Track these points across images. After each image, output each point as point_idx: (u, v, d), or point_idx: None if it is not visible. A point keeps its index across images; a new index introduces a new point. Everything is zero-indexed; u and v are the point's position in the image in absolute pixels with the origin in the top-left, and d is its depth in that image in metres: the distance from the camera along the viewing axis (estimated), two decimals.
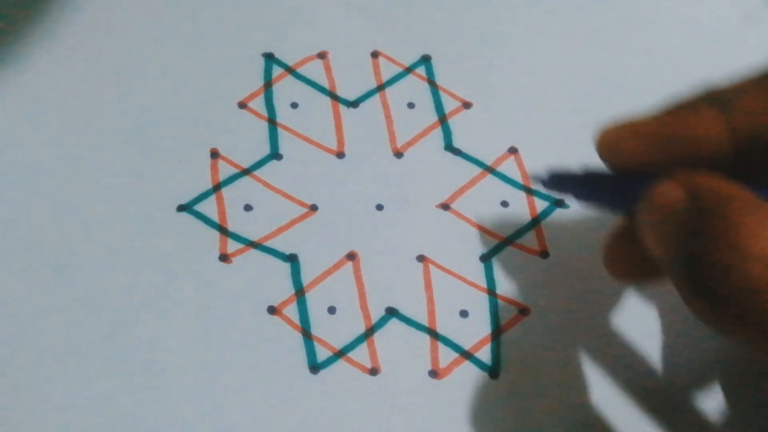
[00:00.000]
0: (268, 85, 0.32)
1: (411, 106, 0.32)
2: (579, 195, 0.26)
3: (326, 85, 0.33)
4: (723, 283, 0.19)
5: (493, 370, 0.28)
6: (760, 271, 0.19)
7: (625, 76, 0.33)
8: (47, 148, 0.30)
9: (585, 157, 0.32)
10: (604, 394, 0.28)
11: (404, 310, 0.29)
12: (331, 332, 0.28)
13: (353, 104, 0.32)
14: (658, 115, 0.24)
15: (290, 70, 0.33)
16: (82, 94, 0.31)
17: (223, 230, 0.29)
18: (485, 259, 0.30)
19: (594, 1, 0.35)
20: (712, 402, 0.28)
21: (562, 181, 0.27)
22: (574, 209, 0.31)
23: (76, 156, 0.30)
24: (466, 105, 0.33)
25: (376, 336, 0.28)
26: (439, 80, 0.33)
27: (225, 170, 0.31)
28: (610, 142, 0.24)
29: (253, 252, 0.29)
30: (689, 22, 0.35)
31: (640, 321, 0.29)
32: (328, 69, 0.33)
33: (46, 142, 0.30)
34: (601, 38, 0.34)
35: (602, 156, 0.25)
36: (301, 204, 0.30)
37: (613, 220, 0.27)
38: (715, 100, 0.23)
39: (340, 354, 0.28)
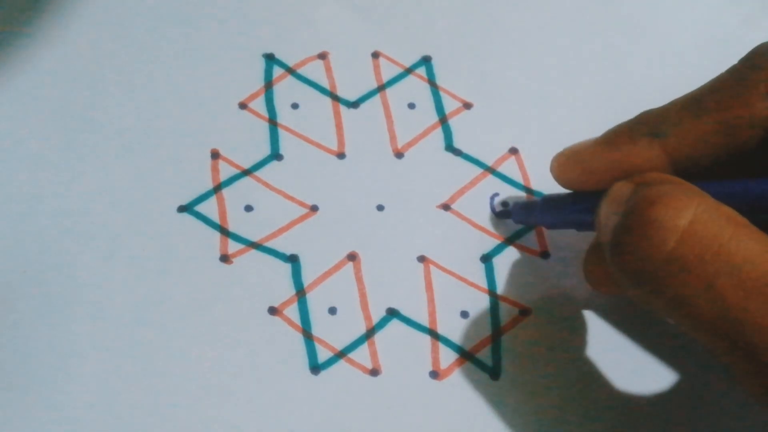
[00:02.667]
0: (268, 85, 0.32)
1: (411, 106, 0.32)
2: (544, 220, 0.28)
3: (327, 85, 0.33)
4: (638, 250, 0.20)
5: (494, 371, 0.28)
6: (675, 242, 0.20)
7: (624, 77, 0.33)
8: (47, 148, 0.30)
9: None
10: (605, 394, 0.28)
11: (405, 311, 0.29)
12: (332, 333, 0.28)
13: (354, 105, 0.32)
14: (598, 145, 0.25)
15: (291, 70, 0.33)
16: (82, 94, 0.31)
17: (223, 231, 0.29)
18: (486, 259, 0.30)
19: (594, 2, 0.35)
20: (711, 401, 0.28)
21: (527, 211, 0.29)
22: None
23: (77, 156, 0.30)
24: (467, 105, 0.33)
25: (377, 337, 0.28)
26: (440, 81, 0.33)
27: (225, 171, 0.31)
28: (558, 169, 0.27)
29: (253, 252, 0.29)
30: (688, 24, 0.35)
31: (640, 321, 0.29)
32: (328, 69, 0.33)
33: (46, 142, 0.30)
34: (601, 39, 0.34)
35: (556, 181, 0.27)
36: (302, 204, 0.30)
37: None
38: (649, 132, 0.24)
39: (341, 355, 0.28)
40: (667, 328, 0.29)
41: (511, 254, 0.30)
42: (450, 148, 0.32)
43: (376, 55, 0.33)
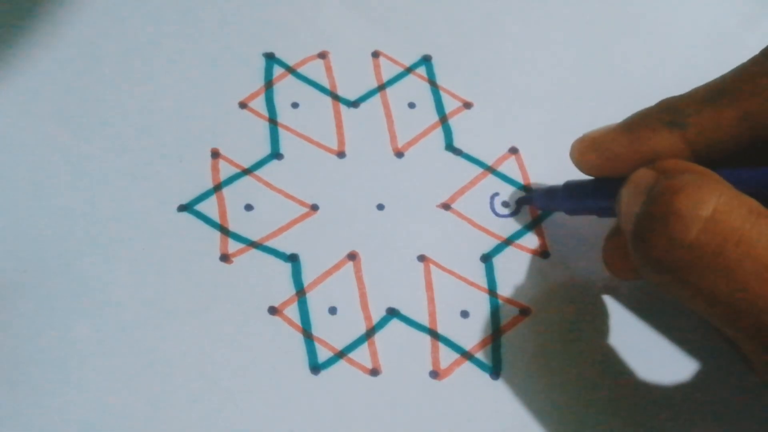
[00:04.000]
0: (268, 84, 0.32)
1: (412, 106, 0.32)
2: (565, 206, 0.28)
3: (327, 84, 0.32)
4: (661, 239, 0.21)
5: (494, 371, 0.28)
6: (697, 232, 0.20)
7: (624, 77, 0.33)
8: (47, 148, 0.30)
9: None
10: (605, 394, 0.28)
11: (405, 311, 0.29)
12: (332, 333, 0.28)
13: (354, 104, 0.32)
14: (618, 132, 0.26)
15: (291, 69, 0.33)
16: (82, 94, 0.31)
17: (223, 230, 0.29)
18: (486, 259, 0.30)
19: (594, 2, 0.35)
20: (711, 400, 0.28)
21: (549, 197, 0.29)
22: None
23: (77, 156, 0.30)
24: (467, 105, 0.33)
25: (377, 336, 0.28)
26: (440, 80, 0.33)
27: (226, 170, 0.31)
28: (578, 155, 0.27)
29: (253, 252, 0.29)
30: (689, 24, 0.35)
31: (640, 321, 0.29)
32: (328, 69, 0.33)
33: (46, 142, 0.30)
34: (601, 39, 0.34)
35: (577, 167, 0.27)
36: (302, 204, 0.30)
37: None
38: (670, 121, 0.24)
39: (341, 354, 0.28)
40: (666, 327, 0.29)
41: (511, 254, 0.30)
42: (450, 147, 0.32)
43: (376, 55, 0.33)
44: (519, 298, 0.29)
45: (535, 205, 0.30)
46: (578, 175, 0.28)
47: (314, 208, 0.30)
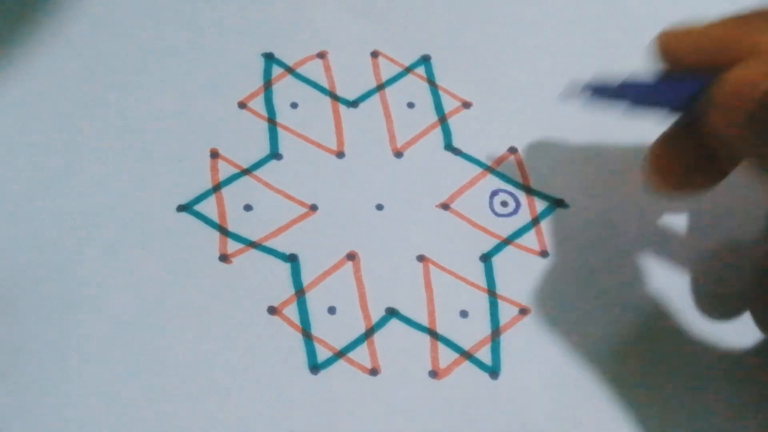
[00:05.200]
0: (267, 85, 0.32)
1: (411, 105, 0.32)
2: (635, 98, 0.26)
3: (326, 84, 0.32)
4: None
5: (493, 371, 0.28)
6: None
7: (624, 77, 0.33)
8: (47, 148, 0.30)
9: (585, 156, 0.32)
10: (604, 393, 0.28)
11: (404, 311, 0.29)
12: (332, 332, 0.28)
13: (353, 104, 0.32)
14: (717, 28, 0.24)
15: (290, 70, 0.33)
16: (82, 94, 0.31)
17: (223, 230, 0.29)
18: (485, 259, 0.30)
19: (593, 2, 0.35)
20: (711, 400, 0.28)
21: (613, 91, 0.27)
22: (574, 209, 0.31)
23: (76, 156, 0.30)
24: (466, 105, 0.33)
25: (376, 336, 0.28)
26: (439, 80, 0.33)
27: (225, 170, 0.31)
28: (668, 48, 0.25)
29: (253, 252, 0.29)
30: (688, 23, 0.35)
31: (639, 321, 0.29)
32: (327, 69, 0.33)
33: (46, 142, 0.30)
34: (600, 39, 0.34)
35: (662, 58, 0.25)
36: (301, 204, 0.30)
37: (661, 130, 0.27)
38: None
39: (340, 354, 0.28)
40: (666, 326, 0.29)
41: (511, 253, 0.30)
42: (449, 147, 0.32)
43: (375, 55, 0.33)
44: (518, 298, 0.29)
45: (593, 96, 0.27)
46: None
47: (313, 208, 0.30)
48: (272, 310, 0.28)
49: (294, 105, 0.32)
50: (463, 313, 0.29)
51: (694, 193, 0.28)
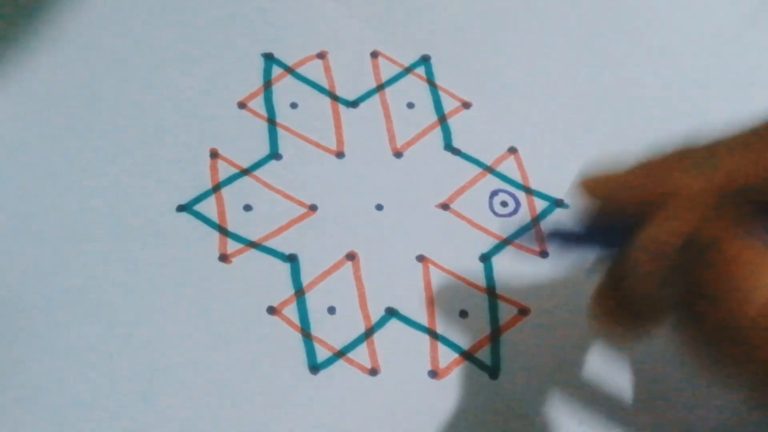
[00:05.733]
0: (267, 85, 0.32)
1: (410, 106, 0.32)
2: (580, 246, 0.26)
3: (326, 85, 0.33)
4: (719, 313, 0.19)
5: (493, 371, 0.28)
6: (760, 305, 0.19)
7: (624, 77, 0.33)
8: (47, 148, 0.30)
9: (584, 157, 0.32)
10: (604, 393, 0.28)
11: (404, 311, 0.29)
12: (331, 332, 0.28)
13: (353, 104, 0.32)
14: (639, 170, 0.23)
15: (290, 70, 0.33)
16: (82, 94, 0.31)
17: (222, 230, 0.29)
18: (485, 259, 0.30)
19: (593, 2, 0.35)
20: (710, 397, 0.28)
21: (564, 238, 0.26)
22: (574, 209, 0.31)
23: (76, 156, 0.30)
24: (466, 105, 0.33)
25: (376, 336, 0.28)
26: (439, 80, 0.33)
27: (225, 170, 0.31)
28: (590, 190, 0.24)
29: (252, 252, 0.29)
30: (688, 23, 0.35)
31: None
32: (327, 69, 0.33)
33: (46, 143, 0.30)
34: (601, 38, 0.34)
35: (588, 202, 0.25)
36: (301, 204, 0.30)
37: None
38: (698, 161, 0.22)
39: (340, 354, 0.28)
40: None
41: (510, 253, 0.30)
42: (449, 147, 0.32)
43: (375, 55, 0.33)
44: (518, 298, 0.29)
45: (549, 247, 0.28)
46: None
47: (313, 208, 0.30)
48: (272, 310, 0.28)
49: (294, 105, 0.32)
50: (463, 313, 0.29)
51: (635, 336, 0.27)
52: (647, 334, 0.26)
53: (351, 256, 0.29)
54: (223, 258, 0.29)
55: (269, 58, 0.33)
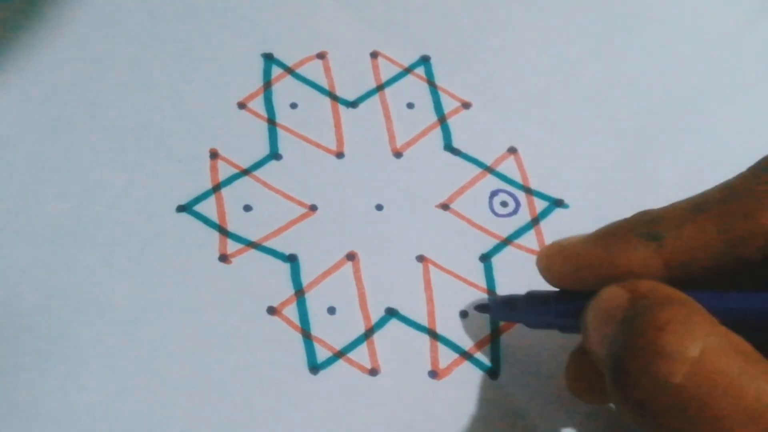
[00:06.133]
0: (267, 85, 0.32)
1: (410, 106, 0.32)
2: (527, 319, 0.26)
3: (326, 85, 0.33)
4: (643, 381, 0.19)
5: (493, 371, 0.28)
6: (683, 375, 0.19)
7: (624, 77, 0.33)
8: (46, 148, 0.30)
9: (584, 157, 0.32)
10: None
11: (404, 311, 0.29)
12: (331, 333, 0.28)
13: (353, 104, 0.32)
14: (590, 242, 0.24)
15: (290, 70, 0.33)
16: (81, 94, 0.31)
17: (222, 230, 0.29)
18: (485, 259, 0.30)
19: (592, 2, 0.35)
20: None
21: (509, 308, 0.27)
22: (574, 209, 0.31)
23: (76, 156, 0.30)
24: (466, 105, 0.33)
25: (376, 336, 0.28)
26: (439, 80, 0.33)
27: (224, 170, 0.31)
28: (545, 263, 0.25)
29: (252, 252, 0.29)
30: (687, 23, 0.35)
31: None
32: (327, 69, 0.33)
33: (45, 142, 0.30)
34: (601, 39, 0.34)
35: (542, 276, 0.25)
36: (301, 204, 0.30)
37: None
38: (646, 232, 0.23)
39: (340, 354, 0.28)
40: None
41: (511, 253, 0.30)
42: (449, 147, 0.32)
43: (374, 55, 0.33)
44: None
45: (493, 315, 0.28)
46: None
47: (313, 208, 0.30)
48: (272, 311, 0.28)
49: (294, 105, 0.32)
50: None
51: (604, 403, 0.27)
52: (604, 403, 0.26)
53: (351, 256, 0.29)
54: (223, 258, 0.29)
55: (269, 59, 0.33)
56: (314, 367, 0.28)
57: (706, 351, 0.19)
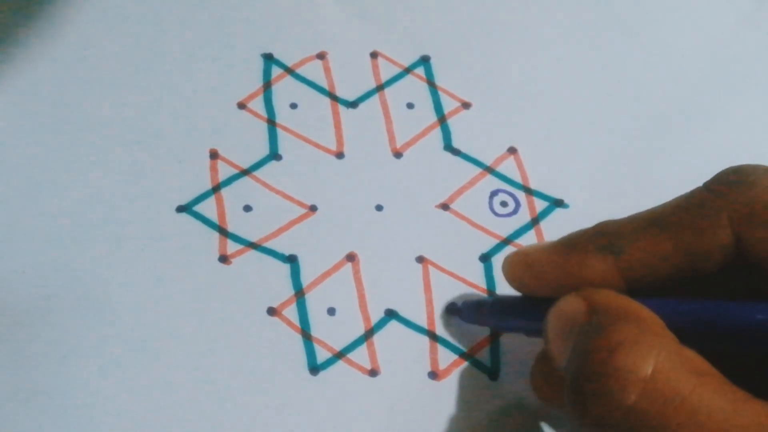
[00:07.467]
0: (267, 85, 0.32)
1: (410, 106, 0.32)
2: (493, 323, 0.27)
3: (325, 85, 0.32)
4: (598, 401, 0.19)
5: (493, 372, 0.28)
6: (636, 395, 0.19)
7: (623, 77, 0.33)
8: (47, 148, 0.30)
9: (583, 157, 0.32)
10: None
11: (404, 312, 0.29)
12: (331, 333, 0.28)
13: (352, 104, 0.32)
14: (550, 251, 0.24)
15: (289, 70, 0.33)
16: (81, 94, 0.31)
17: (222, 231, 0.29)
18: (485, 259, 0.30)
19: (592, 2, 0.35)
20: None
21: (476, 311, 0.27)
22: (574, 209, 0.31)
23: (76, 156, 0.30)
24: (465, 105, 0.32)
25: (376, 337, 0.28)
26: (438, 80, 0.33)
27: (224, 171, 0.31)
28: (509, 270, 0.25)
29: (252, 253, 0.29)
30: (686, 23, 0.35)
31: None
32: (327, 69, 0.33)
33: (45, 143, 0.30)
34: (600, 39, 0.34)
35: (507, 281, 0.25)
36: (301, 204, 0.30)
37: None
38: (605, 245, 0.23)
39: (340, 355, 0.28)
40: None
41: None
42: (449, 147, 0.32)
43: (374, 55, 0.33)
44: None
45: (462, 317, 0.28)
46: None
47: (313, 208, 0.30)
48: (272, 311, 0.28)
49: (293, 105, 0.32)
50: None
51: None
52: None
53: (351, 257, 0.29)
54: (223, 259, 0.29)
55: (269, 59, 0.33)
56: (314, 368, 0.28)
57: (658, 370, 0.19)
